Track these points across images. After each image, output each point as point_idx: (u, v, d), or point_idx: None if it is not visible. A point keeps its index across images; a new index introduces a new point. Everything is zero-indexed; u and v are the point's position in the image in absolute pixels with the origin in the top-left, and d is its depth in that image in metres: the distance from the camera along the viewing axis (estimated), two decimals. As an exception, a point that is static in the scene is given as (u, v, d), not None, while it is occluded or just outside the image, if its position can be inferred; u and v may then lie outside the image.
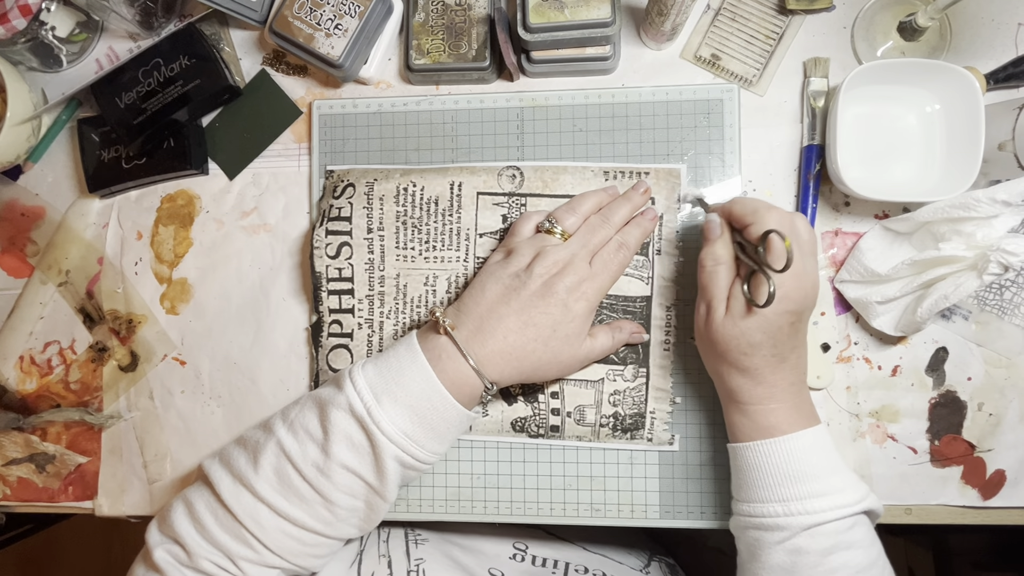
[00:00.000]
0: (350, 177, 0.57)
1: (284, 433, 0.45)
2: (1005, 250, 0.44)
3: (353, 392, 0.45)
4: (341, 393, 0.45)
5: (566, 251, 0.47)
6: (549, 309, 0.46)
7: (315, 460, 0.44)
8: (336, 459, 0.44)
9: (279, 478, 0.44)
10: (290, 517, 0.44)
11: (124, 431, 0.61)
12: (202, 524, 0.44)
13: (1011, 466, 0.52)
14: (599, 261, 0.48)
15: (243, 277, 0.60)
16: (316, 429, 0.45)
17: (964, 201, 0.46)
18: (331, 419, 0.44)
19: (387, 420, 0.44)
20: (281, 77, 0.60)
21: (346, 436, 0.44)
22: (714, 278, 0.46)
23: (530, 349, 0.46)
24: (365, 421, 0.44)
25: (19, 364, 0.64)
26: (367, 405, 0.44)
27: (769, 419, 0.45)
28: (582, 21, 0.51)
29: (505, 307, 0.46)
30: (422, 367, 0.45)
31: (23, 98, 0.59)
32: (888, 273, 0.49)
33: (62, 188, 0.64)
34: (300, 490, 0.44)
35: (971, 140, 0.48)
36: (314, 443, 0.45)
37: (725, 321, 0.45)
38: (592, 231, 0.49)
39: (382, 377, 0.45)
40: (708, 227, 0.47)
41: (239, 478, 0.45)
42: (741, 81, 0.55)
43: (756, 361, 0.44)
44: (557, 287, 0.46)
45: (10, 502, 0.63)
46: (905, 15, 0.53)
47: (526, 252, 0.48)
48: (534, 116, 0.56)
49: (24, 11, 0.57)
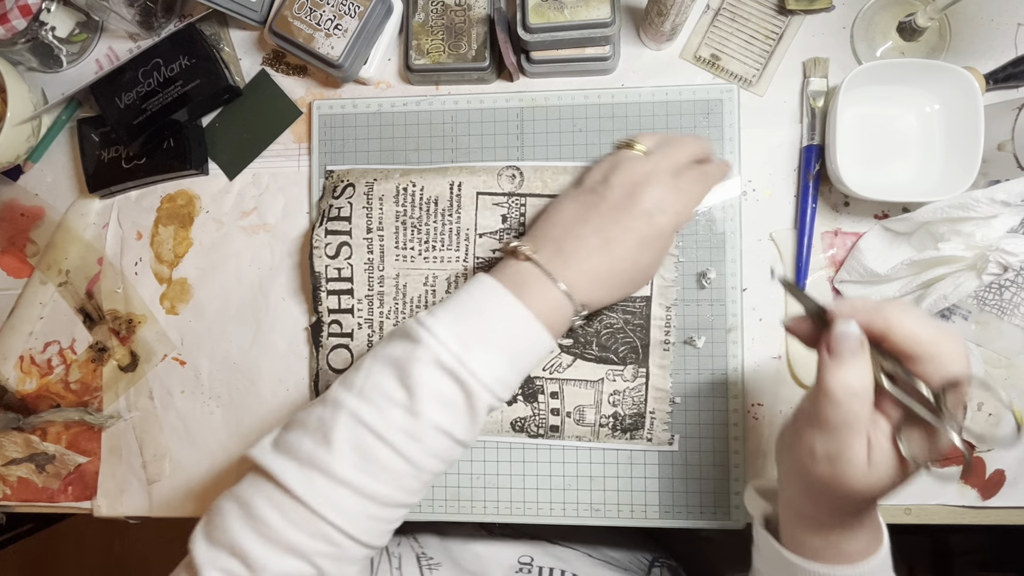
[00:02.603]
0: (350, 177, 0.57)
1: (356, 402, 0.39)
2: (1004, 250, 0.44)
3: (435, 342, 0.38)
4: (419, 346, 0.39)
5: (649, 163, 0.43)
6: (633, 223, 0.41)
7: (402, 425, 0.38)
8: (428, 420, 0.38)
9: (360, 454, 0.38)
10: (377, 496, 0.38)
11: (124, 431, 0.61)
12: (266, 524, 0.37)
13: (1010, 466, 0.52)
14: (685, 178, 0.43)
15: (243, 277, 0.60)
16: (397, 391, 0.38)
17: (963, 201, 0.46)
18: (415, 377, 0.38)
19: (482, 367, 0.38)
20: (281, 77, 0.60)
21: (436, 393, 0.38)
22: (851, 418, 0.33)
23: (619, 269, 0.42)
24: (458, 373, 0.38)
25: (19, 364, 0.64)
26: (457, 355, 0.38)
27: (852, 544, 0.38)
28: (582, 21, 0.51)
29: (584, 225, 0.42)
30: (510, 302, 0.40)
31: (23, 98, 0.59)
32: (888, 273, 0.49)
33: (62, 188, 0.64)
34: (387, 463, 0.38)
35: (970, 140, 0.48)
36: (397, 407, 0.38)
37: (868, 473, 0.33)
38: (675, 147, 0.44)
39: (464, 321, 0.39)
40: (839, 342, 0.33)
41: (310, 462, 0.38)
42: (741, 81, 0.55)
43: (873, 503, 0.37)
44: (640, 198, 0.41)
45: (10, 502, 0.63)
46: (904, 15, 0.53)
47: (603, 165, 0.44)
48: (534, 116, 0.56)
49: (24, 11, 0.57)
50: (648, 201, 0.41)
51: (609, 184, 0.42)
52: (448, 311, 0.40)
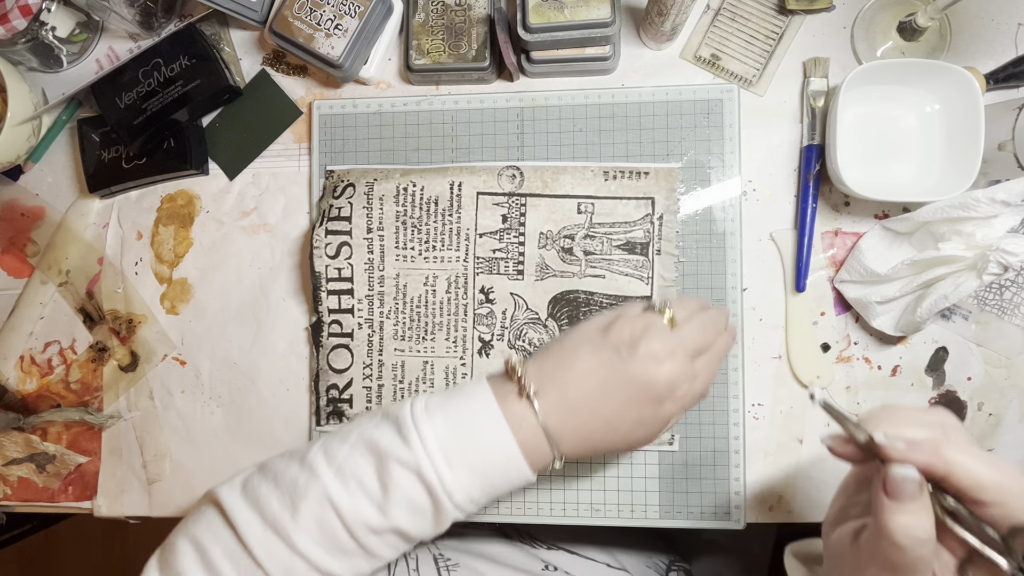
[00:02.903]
0: (350, 177, 0.57)
1: (331, 479, 0.39)
2: (1004, 250, 0.44)
3: (423, 453, 0.39)
4: (407, 449, 0.39)
5: (675, 340, 0.42)
6: (642, 404, 0.41)
7: (367, 519, 0.39)
8: (393, 521, 0.39)
9: (322, 530, 0.39)
10: (330, 572, 0.39)
11: (124, 431, 0.61)
12: (219, 574, 0.38)
13: (1011, 466, 0.52)
14: (703, 363, 0.43)
15: (243, 277, 0.60)
16: (372, 483, 0.39)
17: (964, 201, 0.46)
18: (392, 476, 0.39)
19: (459, 489, 0.39)
20: (281, 77, 0.60)
21: (408, 499, 0.39)
22: (917, 562, 0.31)
23: (609, 439, 0.42)
24: (434, 489, 0.39)
25: (19, 364, 0.64)
26: (439, 472, 0.38)
27: None
28: (582, 21, 0.51)
29: (595, 384, 0.41)
30: (504, 437, 0.40)
31: (23, 98, 0.59)
32: (888, 273, 0.49)
33: (62, 188, 0.64)
34: (345, 546, 0.39)
35: (971, 140, 0.48)
36: (368, 499, 0.39)
37: None
38: (703, 329, 0.43)
39: (455, 437, 0.40)
40: (898, 485, 0.31)
41: (273, 525, 0.39)
42: (741, 81, 0.55)
43: None
44: (657, 380, 0.40)
45: (10, 502, 0.63)
46: (905, 15, 0.53)
47: (632, 324, 0.42)
48: (534, 116, 0.56)
49: (24, 11, 0.57)
50: (665, 384, 0.40)
51: (635, 353, 0.41)
52: (444, 417, 0.40)
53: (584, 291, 0.54)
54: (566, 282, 0.54)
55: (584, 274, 0.54)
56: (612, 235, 0.54)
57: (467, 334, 0.55)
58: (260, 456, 0.59)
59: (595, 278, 0.54)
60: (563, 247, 0.54)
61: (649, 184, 0.54)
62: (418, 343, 0.56)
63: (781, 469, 0.54)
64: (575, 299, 0.54)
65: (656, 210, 0.53)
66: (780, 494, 0.54)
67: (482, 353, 0.55)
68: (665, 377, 0.40)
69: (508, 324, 0.55)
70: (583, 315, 0.54)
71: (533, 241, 0.54)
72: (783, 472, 0.54)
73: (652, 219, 0.53)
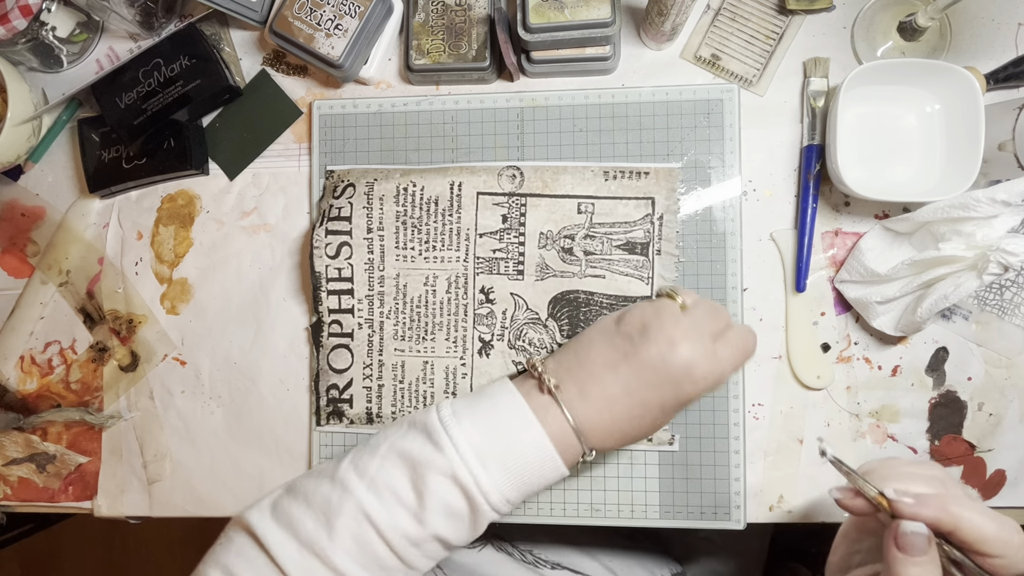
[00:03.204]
0: (350, 177, 0.57)
1: (364, 493, 0.39)
2: (1005, 250, 0.44)
3: (456, 456, 0.38)
4: (440, 454, 0.39)
5: (688, 320, 0.41)
6: (662, 388, 0.40)
7: (406, 530, 0.38)
8: (431, 528, 0.39)
9: (359, 547, 0.38)
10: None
11: (124, 431, 0.61)
12: None
13: (1011, 466, 0.52)
14: (724, 343, 0.42)
15: (243, 277, 0.60)
16: (407, 492, 0.39)
17: (964, 201, 0.46)
18: (428, 484, 0.38)
19: (495, 489, 0.39)
20: (281, 77, 0.60)
21: (445, 504, 0.39)
22: None
23: (634, 425, 0.41)
24: (471, 491, 0.38)
25: (19, 364, 0.64)
26: (474, 474, 0.38)
27: None
28: (582, 21, 0.51)
29: (612, 373, 0.41)
30: (536, 432, 0.39)
31: (23, 98, 0.59)
32: (888, 273, 0.49)
33: (62, 188, 0.64)
34: (384, 560, 0.39)
35: (971, 140, 0.48)
36: (405, 509, 0.39)
37: None
38: (714, 311, 0.43)
39: (487, 437, 0.39)
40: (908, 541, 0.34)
41: (309, 546, 0.38)
42: (741, 81, 0.55)
43: None
44: (674, 360, 0.40)
45: (10, 502, 0.63)
46: (905, 15, 0.53)
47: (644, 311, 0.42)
48: (534, 116, 0.56)
49: (24, 11, 0.57)
50: (681, 365, 0.40)
51: (647, 336, 0.40)
52: (473, 419, 0.40)
53: (584, 291, 0.54)
54: (566, 282, 0.54)
55: (584, 274, 0.54)
56: (612, 235, 0.54)
57: (467, 334, 0.55)
58: (260, 456, 0.60)
59: (595, 278, 0.54)
60: (563, 247, 0.54)
61: (649, 184, 0.54)
62: (418, 343, 0.56)
63: (781, 469, 0.54)
64: (575, 299, 0.54)
65: (656, 210, 0.53)
66: (780, 494, 0.54)
67: (482, 353, 0.55)
68: (681, 359, 0.40)
69: (508, 324, 0.55)
70: (583, 315, 0.54)
71: (533, 241, 0.54)
72: (783, 472, 0.54)
73: (652, 219, 0.53)
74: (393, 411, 0.56)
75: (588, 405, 0.40)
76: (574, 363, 0.42)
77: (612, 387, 0.41)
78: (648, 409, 0.41)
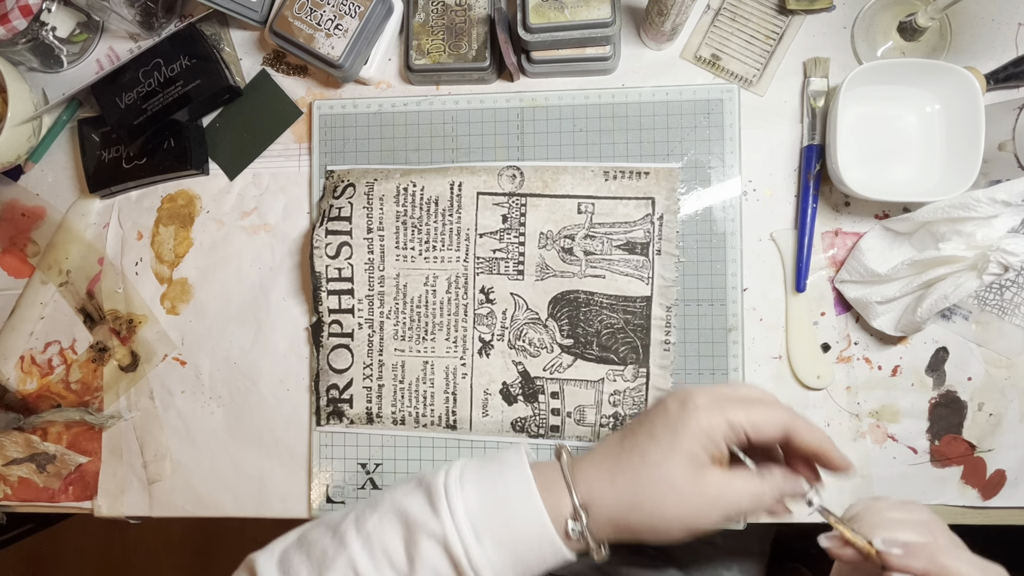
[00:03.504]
0: (350, 177, 0.57)
1: (358, 550, 0.39)
2: (1005, 250, 0.44)
3: (451, 524, 0.38)
4: (435, 518, 0.38)
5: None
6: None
7: None
8: None
9: None
10: None
11: (124, 431, 0.61)
12: None
13: (1011, 466, 0.52)
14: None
15: (243, 277, 0.60)
16: (399, 555, 0.38)
17: (964, 201, 0.46)
18: (420, 548, 0.38)
19: (487, 565, 0.37)
20: (281, 77, 0.60)
21: (434, 571, 0.38)
22: None
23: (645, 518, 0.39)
24: (461, 564, 0.37)
25: (20, 364, 0.64)
26: (466, 545, 0.37)
27: None
28: (582, 21, 0.51)
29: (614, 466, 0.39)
30: (536, 508, 0.38)
31: (24, 98, 0.59)
32: (888, 273, 0.49)
33: (62, 188, 0.64)
34: None
35: (971, 140, 0.48)
36: (394, 571, 0.38)
37: None
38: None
39: (486, 507, 0.38)
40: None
41: None
42: (741, 81, 0.55)
43: None
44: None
45: (11, 502, 0.63)
46: (905, 15, 0.53)
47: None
48: (534, 116, 0.56)
49: (25, 11, 0.57)
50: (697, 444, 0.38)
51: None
52: (478, 485, 0.39)
53: (584, 291, 0.54)
54: (566, 282, 0.54)
55: (584, 274, 0.54)
56: (612, 235, 0.54)
57: (467, 334, 0.55)
58: (260, 456, 0.60)
59: (595, 278, 0.54)
60: (563, 247, 0.54)
61: (649, 184, 0.54)
62: (418, 343, 0.56)
63: (781, 469, 0.53)
64: (575, 299, 0.54)
65: (656, 210, 0.53)
66: (780, 494, 0.54)
67: (482, 353, 0.55)
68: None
69: (508, 324, 0.55)
70: (583, 315, 0.54)
71: (533, 241, 0.54)
72: (783, 472, 0.53)
73: (652, 219, 0.53)
74: (393, 411, 0.56)
75: (600, 483, 0.39)
76: (597, 452, 0.41)
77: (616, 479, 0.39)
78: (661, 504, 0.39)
